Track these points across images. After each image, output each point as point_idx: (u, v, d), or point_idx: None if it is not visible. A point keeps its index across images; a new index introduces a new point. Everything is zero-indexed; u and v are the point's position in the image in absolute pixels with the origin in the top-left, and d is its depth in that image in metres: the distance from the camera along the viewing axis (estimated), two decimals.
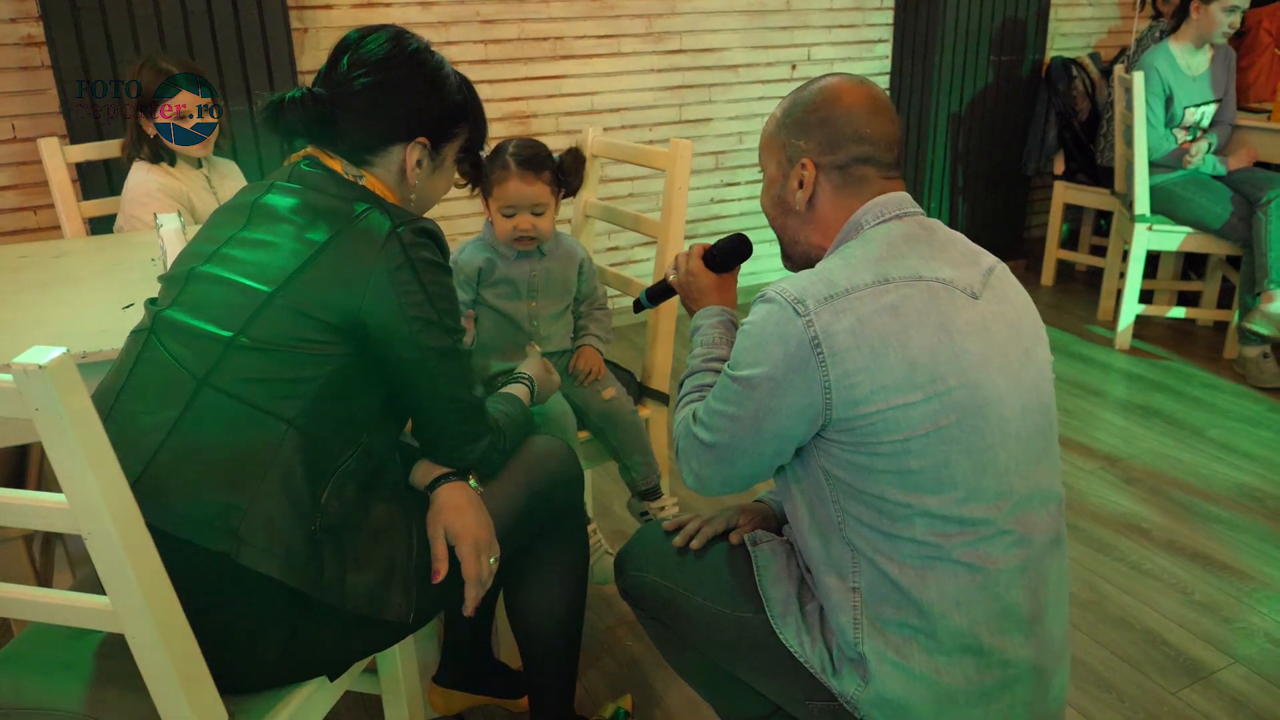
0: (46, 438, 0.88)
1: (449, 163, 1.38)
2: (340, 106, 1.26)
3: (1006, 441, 1.12)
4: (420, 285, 1.20)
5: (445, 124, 1.33)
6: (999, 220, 4.27)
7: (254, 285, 1.17)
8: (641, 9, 3.49)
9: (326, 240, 1.18)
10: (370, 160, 1.29)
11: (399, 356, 1.21)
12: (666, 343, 1.99)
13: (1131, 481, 2.62)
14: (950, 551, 1.10)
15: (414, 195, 1.34)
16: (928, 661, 1.12)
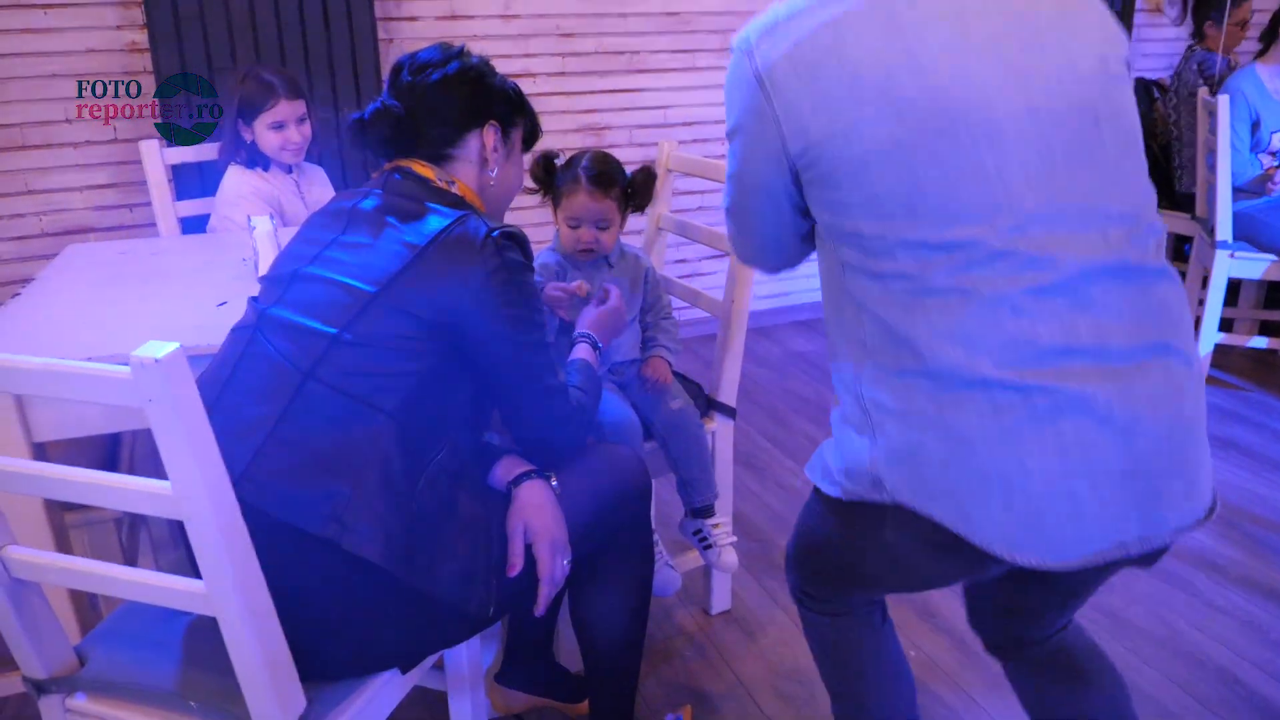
0: (157, 427, 0.93)
1: (518, 151, 1.50)
2: (414, 109, 1.39)
3: (1002, 149, 0.99)
4: (514, 284, 1.29)
5: (507, 109, 1.46)
6: None
7: (358, 285, 1.25)
8: (717, 25, 3.52)
9: (427, 244, 1.27)
10: (452, 155, 1.41)
11: (493, 350, 1.30)
12: (735, 356, 2.01)
13: None
14: (933, 280, 1.00)
15: (494, 183, 1.45)
16: (929, 403, 1.02)
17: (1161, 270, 1.05)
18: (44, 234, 2.97)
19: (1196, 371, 1.07)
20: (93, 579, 1.12)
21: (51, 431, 1.52)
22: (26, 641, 1.18)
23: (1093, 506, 1.00)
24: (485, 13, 3.20)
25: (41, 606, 1.19)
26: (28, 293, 1.83)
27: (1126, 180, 1.04)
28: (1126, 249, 1.02)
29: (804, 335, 3.92)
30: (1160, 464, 1.02)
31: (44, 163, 2.91)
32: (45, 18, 2.80)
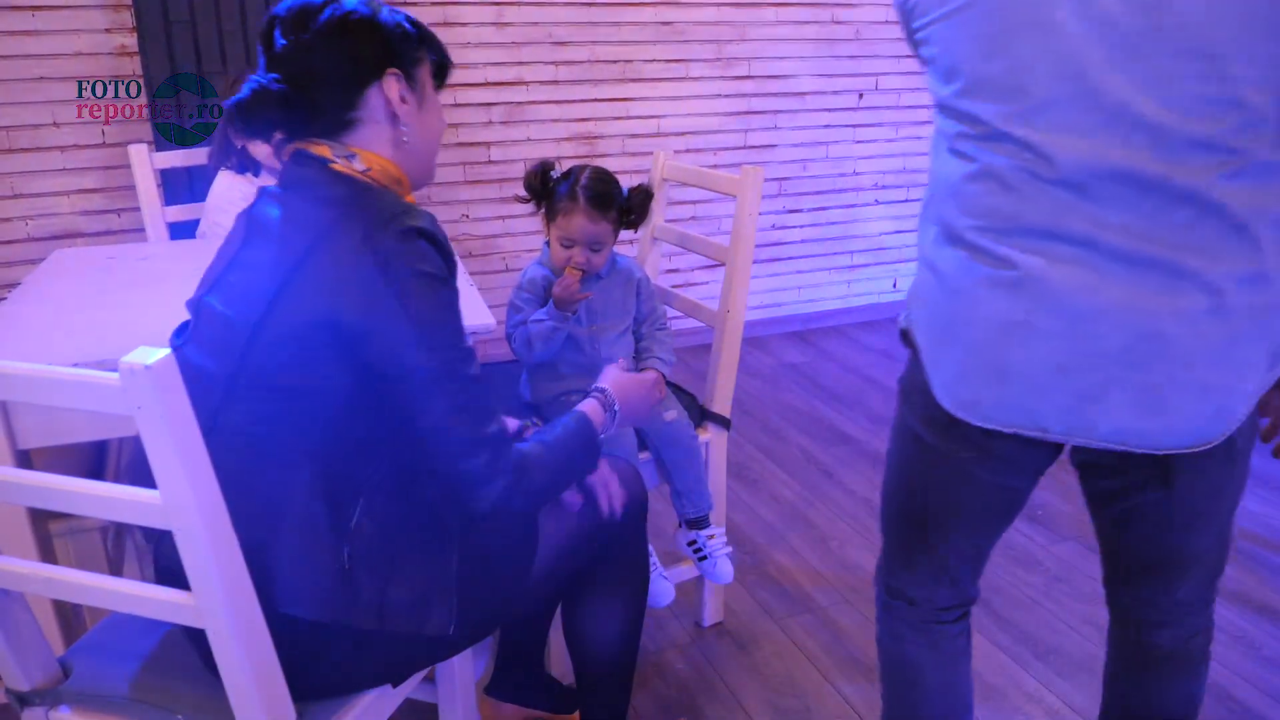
0: (146, 435, 0.91)
1: (431, 92, 1.26)
2: (296, 78, 1.16)
3: (1038, 35, 1.00)
4: (398, 299, 1.08)
5: (405, 48, 1.21)
6: None
7: (241, 317, 1.13)
8: (711, 34, 3.52)
9: (302, 256, 1.10)
10: (355, 119, 1.18)
11: (385, 377, 1.11)
12: (730, 367, 2.00)
13: None
14: (947, 141, 1.12)
15: (407, 139, 1.21)
16: (931, 248, 1.14)
17: (1208, 199, 0.99)
18: (30, 238, 2.94)
19: (1225, 308, 1.02)
20: (78, 589, 1.10)
21: (38, 438, 1.50)
22: (9, 653, 1.16)
23: (1020, 383, 1.08)
24: (478, 20, 3.19)
25: (25, 617, 1.17)
26: (14, 297, 1.80)
27: (1176, 88, 0.97)
28: (1150, 161, 0.99)
29: (796, 347, 3.91)
30: (1104, 370, 1.05)
31: (31, 166, 2.88)
32: (34, 20, 2.78)
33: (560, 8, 3.28)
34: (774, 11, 3.59)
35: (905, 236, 4.20)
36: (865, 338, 4.03)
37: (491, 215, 3.42)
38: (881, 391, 3.47)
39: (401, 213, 1.12)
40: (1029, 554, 2.43)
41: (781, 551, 2.43)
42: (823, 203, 3.95)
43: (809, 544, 2.47)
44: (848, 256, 4.09)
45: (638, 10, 3.39)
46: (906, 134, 4.02)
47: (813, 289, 4.07)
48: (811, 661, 2.04)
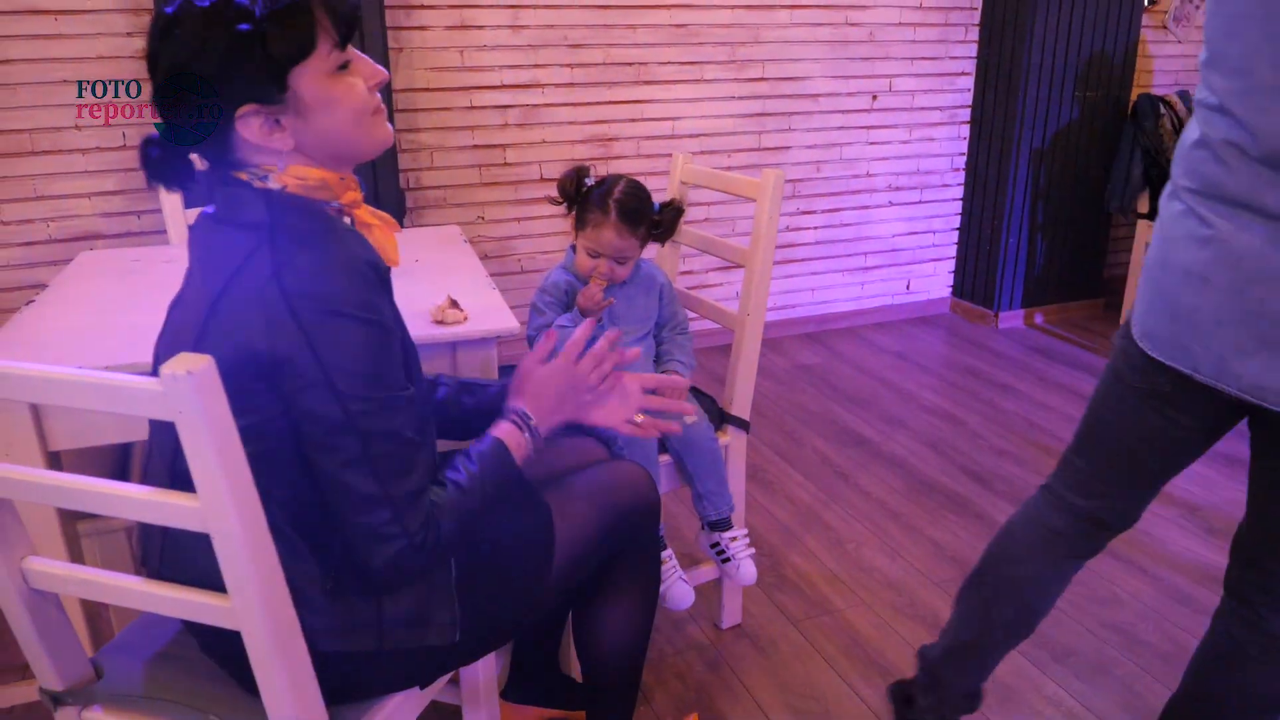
0: (186, 440, 0.92)
1: (322, 84, 1.06)
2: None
3: (1273, 24, 1.10)
4: (305, 340, 1.02)
5: (254, 68, 1.02)
6: (1078, 257, 4.21)
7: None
8: (725, 37, 3.53)
9: (219, 293, 1.05)
10: (241, 159, 1.07)
11: (293, 420, 1.05)
12: (750, 369, 2.01)
13: (1213, 532, 2.55)
14: (1195, 106, 1.25)
15: (306, 147, 1.08)
16: (1164, 199, 1.31)
17: None
18: (52, 240, 2.96)
19: None
20: (114, 591, 1.11)
21: (68, 440, 1.52)
22: (44, 653, 1.17)
23: (1186, 325, 1.24)
24: (495, 23, 3.21)
25: (59, 618, 1.18)
26: (43, 299, 1.82)
27: None
28: None
29: (809, 348, 3.92)
30: (1261, 330, 1.17)
31: (53, 168, 2.91)
32: (55, 24, 2.80)
33: (576, 10, 3.29)
34: (787, 14, 3.60)
35: (918, 238, 4.20)
36: (878, 339, 4.04)
37: (507, 217, 3.44)
38: (895, 393, 3.48)
39: (314, 240, 1.05)
40: None
41: (798, 554, 2.44)
42: (836, 204, 3.95)
43: (825, 546, 2.48)
44: (861, 258, 4.09)
45: (652, 13, 3.40)
46: (919, 135, 4.02)
47: (825, 290, 4.07)
48: (830, 664, 2.04)
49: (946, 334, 4.13)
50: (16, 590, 1.13)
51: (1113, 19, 3.88)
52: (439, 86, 3.21)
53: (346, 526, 1.09)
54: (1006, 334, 4.10)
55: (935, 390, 3.53)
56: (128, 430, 1.55)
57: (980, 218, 4.13)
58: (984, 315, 4.19)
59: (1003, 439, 3.11)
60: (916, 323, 4.25)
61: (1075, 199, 4.09)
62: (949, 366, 3.78)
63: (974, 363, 3.79)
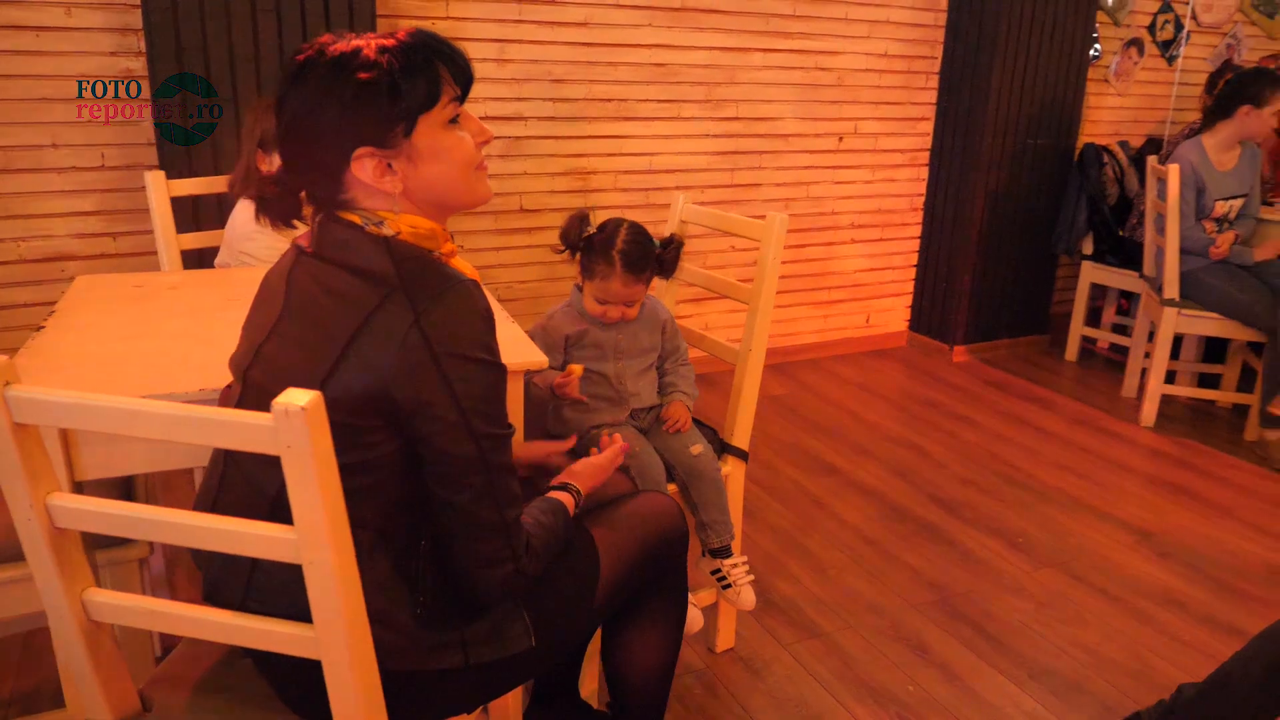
0: (291, 473, 0.96)
1: (436, 135, 1.14)
2: (288, 169, 1.15)
3: None
4: (445, 382, 1.09)
5: (376, 113, 1.10)
6: (1026, 295, 4.42)
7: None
8: (702, 77, 3.64)
9: (349, 341, 1.10)
10: (351, 199, 1.15)
11: (420, 455, 1.13)
12: (750, 401, 2.09)
13: (1166, 555, 2.71)
14: None
15: (415, 195, 1.16)
16: None
17: None
18: (22, 260, 2.91)
19: None
20: (184, 622, 1.13)
21: (97, 470, 1.52)
22: (98, 685, 1.18)
23: None
24: (481, 56, 3.26)
25: (112, 650, 1.20)
26: (53, 325, 1.81)
27: None
28: None
29: (777, 379, 4.02)
30: None
31: (28, 187, 2.86)
32: (37, 40, 2.77)
33: (559, 47, 3.37)
34: (761, 57, 3.73)
35: (878, 274, 4.35)
36: (840, 370, 4.17)
37: (488, 246, 3.48)
38: (860, 423, 3.60)
39: (447, 290, 1.11)
40: (1015, 581, 2.55)
41: (784, 580, 2.52)
42: (803, 240, 4.08)
43: (809, 572, 2.56)
44: (825, 292, 4.23)
45: (633, 51, 3.49)
46: (882, 176, 4.19)
47: (791, 322, 4.19)
48: (822, 685, 2.12)
49: (904, 366, 4.29)
50: (76, 622, 1.14)
51: (1061, 72, 4.10)
52: None
53: (460, 554, 1.17)
54: (961, 367, 4.27)
55: (898, 421, 3.66)
56: (157, 460, 1.56)
57: (937, 256, 4.31)
58: (939, 349, 4.35)
59: (966, 468, 3.25)
60: (875, 355, 4.39)
61: (1025, 240, 4.29)
62: (909, 398, 3.92)
63: (932, 394, 3.94)
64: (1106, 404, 3.88)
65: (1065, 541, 2.78)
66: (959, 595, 2.48)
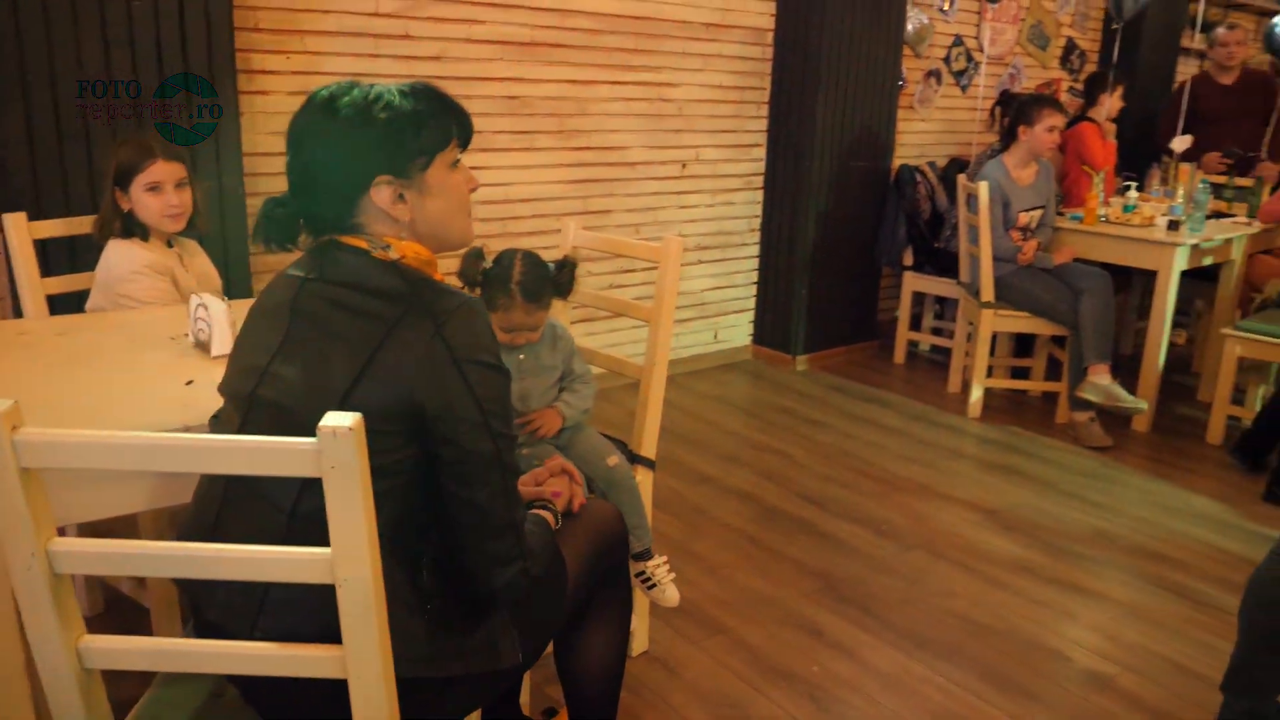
0: (332, 493, 1.00)
1: (443, 174, 1.28)
2: (298, 193, 1.25)
3: None
4: (467, 386, 1.18)
5: (397, 149, 1.23)
6: (855, 306, 4.79)
7: (307, 409, 1.12)
8: (554, 109, 3.77)
9: (375, 349, 1.17)
10: (361, 224, 1.24)
11: (441, 456, 1.20)
12: (655, 414, 2.22)
13: (1010, 529, 3.05)
14: None
15: (417, 227, 1.27)
16: None
17: None
18: None
19: None
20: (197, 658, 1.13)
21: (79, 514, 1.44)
22: None
23: None
24: None
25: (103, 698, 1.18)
26: None
27: None
28: None
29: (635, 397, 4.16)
30: None
31: None
32: None
33: None
34: (608, 89, 3.90)
35: (722, 292, 4.61)
36: (696, 385, 4.37)
37: None
38: (724, 433, 3.80)
39: (461, 305, 1.21)
40: (887, 563, 2.80)
41: (683, 584, 2.64)
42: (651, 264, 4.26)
43: (704, 575, 2.71)
44: (675, 311, 4.42)
45: (487, 85, 3.58)
46: (722, 200, 4.45)
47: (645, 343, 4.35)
48: (736, 675, 2.26)
49: (752, 378, 4.55)
50: (70, 671, 1.12)
51: (876, 100, 4.52)
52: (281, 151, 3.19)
53: (474, 553, 1.24)
54: (803, 375, 4.58)
55: (757, 429, 3.90)
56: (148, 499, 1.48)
57: (775, 273, 4.61)
58: (782, 359, 4.65)
59: (825, 466, 3.51)
60: (725, 369, 4.64)
61: (852, 255, 4.67)
62: (763, 406, 4.17)
63: (783, 402, 4.21)
64: (936, 399, 4.28)
65: (924, 524, 3.07)
66: (841, 580, 2.70)
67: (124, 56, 2.69)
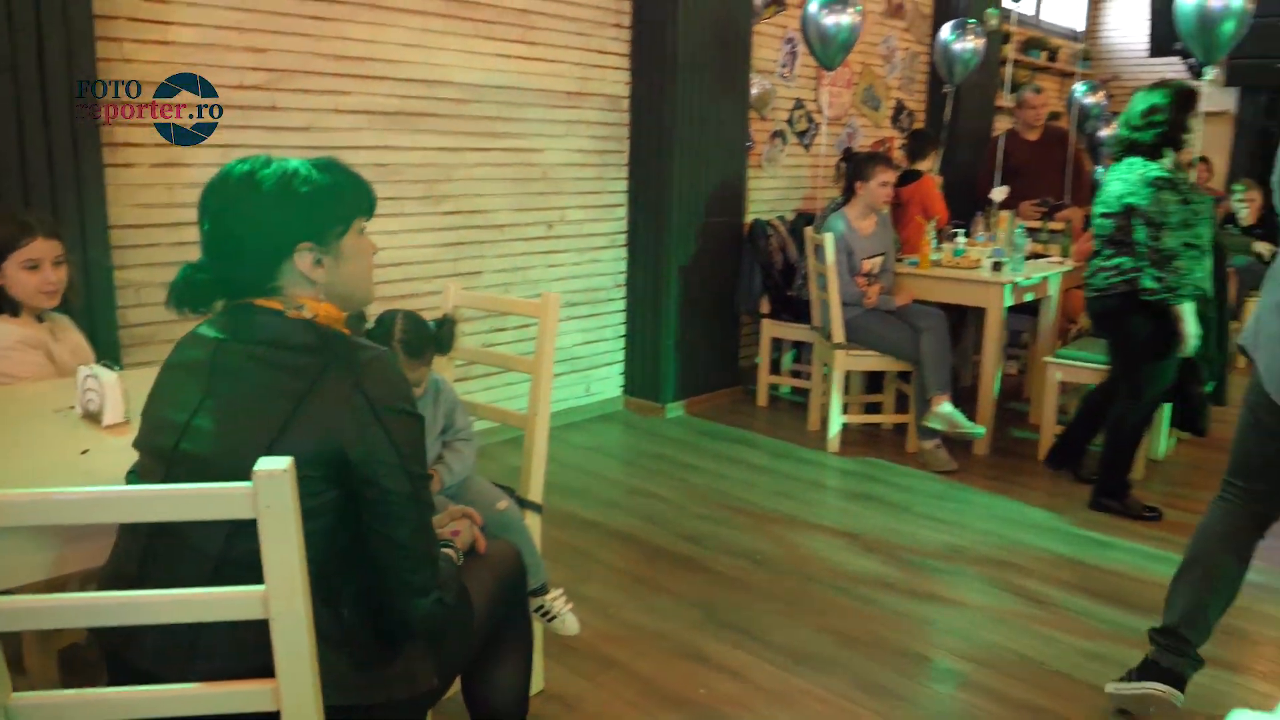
0: (268, 531, 1.09)
1: (355, 242, 1.40)
2: (217, 259, 1.33)
3: None
4: (386, 432, 1.29)
5: (317, 219, 1.34)
6: (719, 354, 5.05)
7: (232, 459, 1.20)
8: (421, 175, 3.88)
9: (297, 404, 1.26)
10: (280, 286, 1.34)
11: (363, 496, 1.30)
12: (540, 460, 2.34)
13: (871, 550, 3.30)
14: None
15: (332, 289, 1.38)
16: None
17: None
18: None
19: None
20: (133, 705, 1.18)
21: None
22: None
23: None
24: (203, 161, 3.27)
25: None
26: None
27: None
28: None
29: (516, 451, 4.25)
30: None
31: None
32: None
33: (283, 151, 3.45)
34: (475, 155, 4.05)
35: (593, 347, 4.78)
36: (571, 438, 4.50)
37: None
38: (602, 481, 3.94)
39: (375, 357, 1.33)
40: (764, 589, 2.98)
41: None
42: (525, 320, 4.40)
43: (594, 614, 2.82)
44: None
45: (355, 154, 3.66)
46: (588, 258, 4.64)
47: (521, 399, 4.46)
48: (631, 706, 2.38)
49: (625, 427, 4.72)
50: None
51: (727, 160, 4.83)
52: (147, 223, 3.19)
53: (394, 585, 1.34)
54: (674, 422, 4.78)
55: (633, 475, 4.05)
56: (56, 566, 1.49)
57: (642, 326, 4.82)
58: (653, 409, 4.84)
59: (700, 506, 3.69)
60: (599, 420, 4.79)
61: (714, 305, 4.93)
62: (638, 454, 4.34)
63: (657, 449, 4.39)
64: (798, 437, 4.55)
65: (794, 552, 3.28)
66: (723, 609, 2.86)
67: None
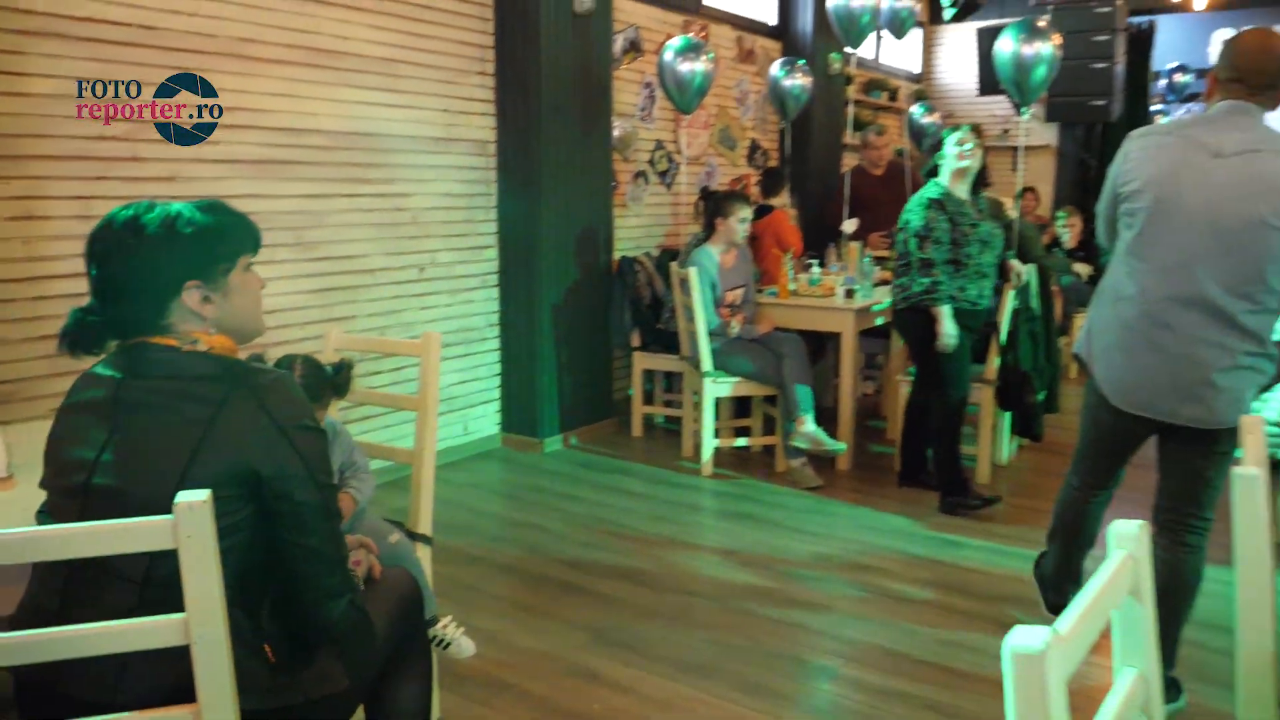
0: (188, 559, 1.16)
1: (242, 278, 1.47)
2: (107, 302, 1.39)
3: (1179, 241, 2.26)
4: (294, 448, 1.38)
5: (203, 258, 1.41)
6: (593, 387, 5.19)
7: (147, 489, 1.29)
8: (291, 222, 3.90)
9: (205, 430, 1.33)
10: (171, 324, 1.40)
11: (276, 510, 1.39)
12: (428, 495, 2.42)
13: (747, 564, 3.49)
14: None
15: (222, 323, 1.45)
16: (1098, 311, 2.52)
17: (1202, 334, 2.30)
18: None
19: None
20: None
21: None
22: None
23: (1144, 390, 2.38)
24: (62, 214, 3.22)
25: None
26: None
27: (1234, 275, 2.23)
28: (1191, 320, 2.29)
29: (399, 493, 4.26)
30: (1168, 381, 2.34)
31: None
32: None
33: None
34: (345, 201, 4.09)
35: (469, 386, 4.85)
36: (452, 477, 4.54)
37: None
38: (484, 517, 4.02)
39: (276, 378, 1.43)
40: (648, 608, 3.12)
41: None
42: (400, 363, 4.44)
43: (484, 644, 2.87)
44: None
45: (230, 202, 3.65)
46: (461, 299, 4.73)
47: (402, 440, 4.49)
48: None
49: (505, 464, 4.80)
50: None
51: (593, 200, 5.02)
52: (5, 278, 3.11)
53: (309, 592, 1.44)
54: (553, 456, 4.89)
55: (515, 509, 4.14)
56: None
57: (517, 363, 4.92)
58: (532, 444, 4.94)
59: (582, 534, 3.81)
60: (478, 458, 4.85)
61: (586, 341, 5.08)
62: (518, 488, 4.43)
63: (537, 482, 4.49)
64: (672, 463, 4.73)
65: (674, 571, 3.44)
66: (609, 629, 2.98)
67: None
